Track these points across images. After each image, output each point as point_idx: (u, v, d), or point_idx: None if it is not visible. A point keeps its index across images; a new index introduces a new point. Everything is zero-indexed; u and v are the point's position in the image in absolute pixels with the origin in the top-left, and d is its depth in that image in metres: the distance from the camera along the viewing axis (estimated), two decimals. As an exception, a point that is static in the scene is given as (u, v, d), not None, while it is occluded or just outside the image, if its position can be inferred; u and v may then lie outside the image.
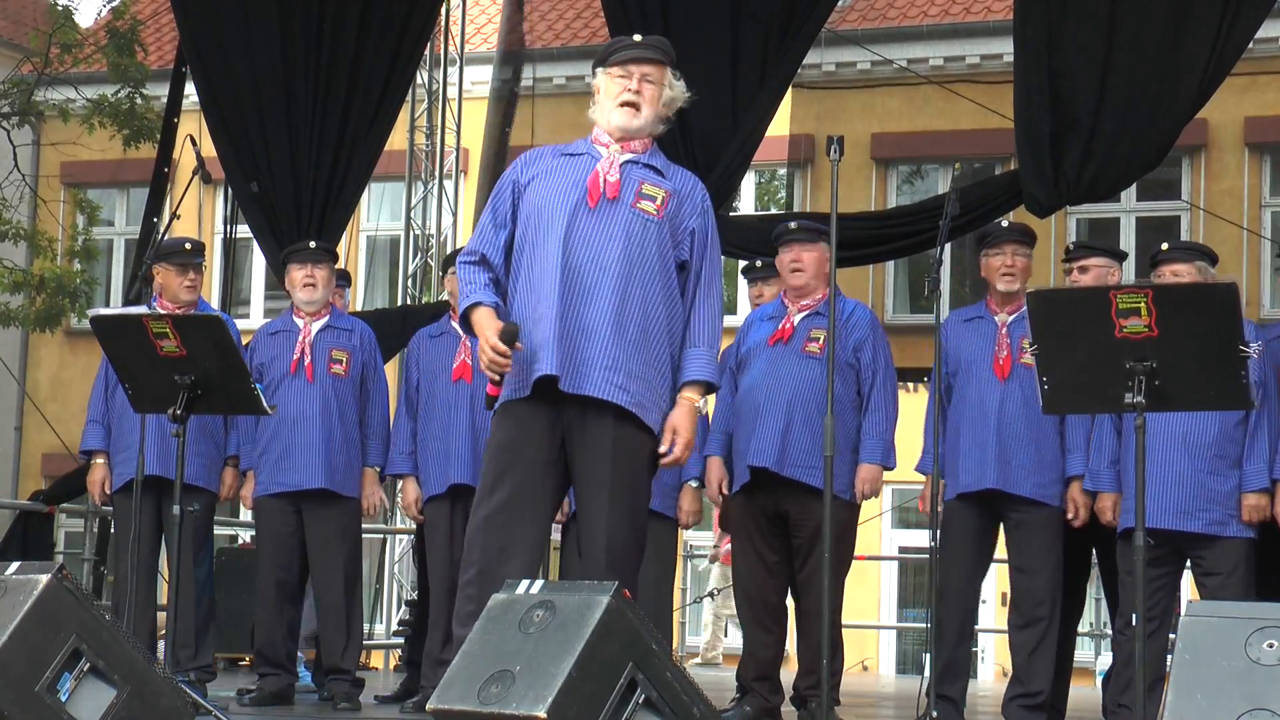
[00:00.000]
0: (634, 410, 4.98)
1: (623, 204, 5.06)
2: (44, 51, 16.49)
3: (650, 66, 5.17)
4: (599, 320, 4.98)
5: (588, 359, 4.96)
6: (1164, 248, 6.48)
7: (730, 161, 8.82)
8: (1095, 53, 8.10)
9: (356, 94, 9.53)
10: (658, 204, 5.08)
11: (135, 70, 16.01)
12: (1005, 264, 6.74)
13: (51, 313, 16.67)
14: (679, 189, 5.15)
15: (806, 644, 6.80)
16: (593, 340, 4.97)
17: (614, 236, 5.02)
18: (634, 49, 5.19)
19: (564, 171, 5.14)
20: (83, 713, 4.78)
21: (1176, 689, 4.32)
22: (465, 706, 4.36)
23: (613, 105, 5.16)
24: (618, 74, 5.17)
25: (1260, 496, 6.20)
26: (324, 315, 7.45)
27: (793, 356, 6.75)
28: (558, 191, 5.09)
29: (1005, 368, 6.65)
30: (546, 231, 5.04)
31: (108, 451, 7.37)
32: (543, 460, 5.03)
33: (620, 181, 5.09)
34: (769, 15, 8.77)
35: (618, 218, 5.04)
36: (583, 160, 5.16)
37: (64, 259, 17.46)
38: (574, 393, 4.97)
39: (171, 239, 7.80)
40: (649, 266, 5.04)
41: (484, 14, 18.72)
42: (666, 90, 5.18)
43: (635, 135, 5.16)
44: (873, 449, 6.75)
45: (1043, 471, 6.60)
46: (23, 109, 16.80)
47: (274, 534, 7.39)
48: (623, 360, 4.97)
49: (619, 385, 4.97)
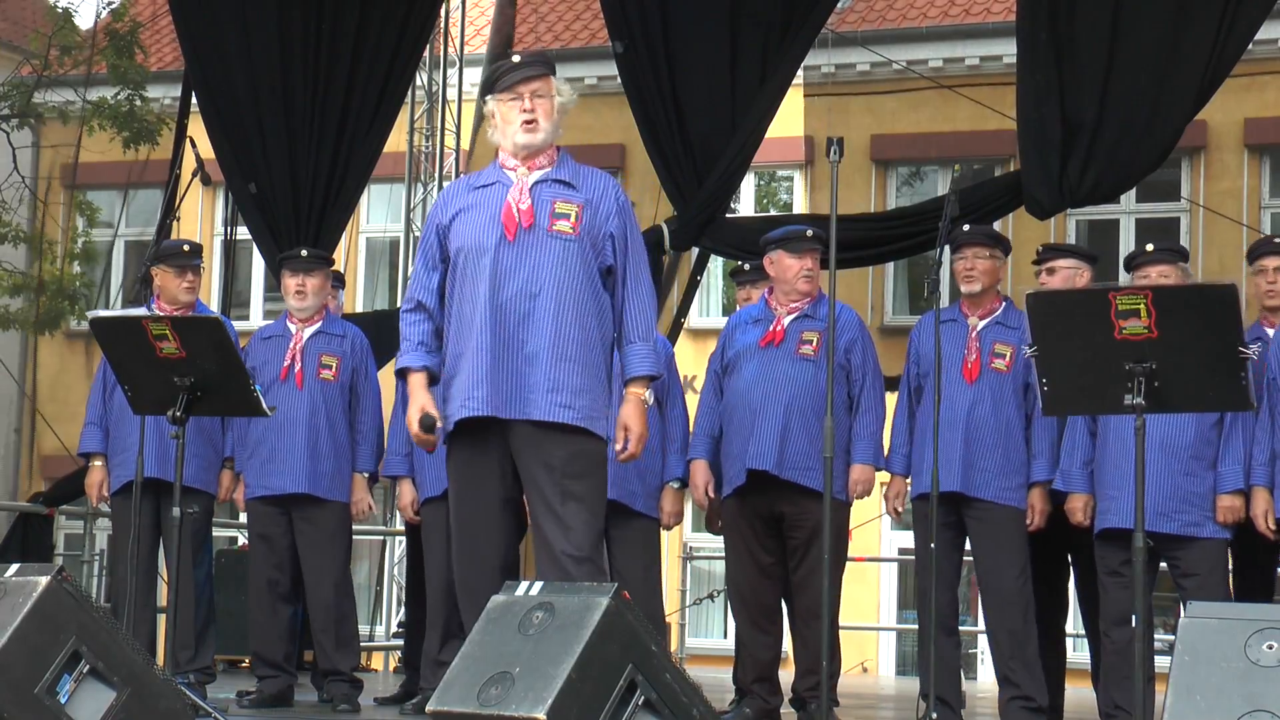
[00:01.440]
0: (582, 424, 5.21)
1: (539, 230, 5.27)
2: (44, 54, 16.49)
3: (536, 82, 5.35)
4: (537, 346, 5.20)
5: (530, 384, 5.20)
6: (1148, 249, 6.51)
7: (730, 163, 8.82)
8: (1097, 55, 8.11)
9: (355, 95, 9.54)
10: (572, 221, 5.29)
11: (135, 72, 16.02)
12: (966, 267, 6.76)
13: (51, 315, 16.67)
14: (590, 197, 5.34)
15: (804, 645, 6.79)
16: (534, 365, 5.20)
17: (539, 264, 5.25)
18: (516, 70, 5.36)
19: (480, 206, 5.35)
20: (82, 714, 4.79)
21: (1176, 690, 4.32)
22: (465, 708, 4.36)
23: (514, 129, 5.34)
24: (508, 98, 5.36)
25: (1235, 498, 6.22)
26: (317, 321, 7.46)
27: (786, 359, 6.74)
28: (478, 229, 5.30)
29: (974, 371, 6.66)
30: (474, 271, 5.27)
31: (105, 454, 7.37)
32: (497, 473, 5.28)
33: (533, 206, 5.28)
34: (768, 17, 8.77)
35: (537, 244, 5.26)
36: (495, 190, 5.36)
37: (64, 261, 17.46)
38: (521, 419, 5.19)
39: (170, 241, 7.81)
40: (576, 283, 5.26)
41: (483, 15, 18.69)
42: (557, 98, 5.37)
43: (540, 150, 5.36)
44: (864, 450, 6.77)
45: (1008, 476, 6.61)
46: (22, 111, 16.81)
47: (264, 536, 7.41)
48: (564, 379, 5.21)
49: (564, 404, 5.20)
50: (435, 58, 14.82)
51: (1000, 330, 6.68)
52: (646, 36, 8.88)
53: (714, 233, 9.03)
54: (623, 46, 8.95)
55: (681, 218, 8.99)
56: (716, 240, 9.12)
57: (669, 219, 9.18)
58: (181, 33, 9.83)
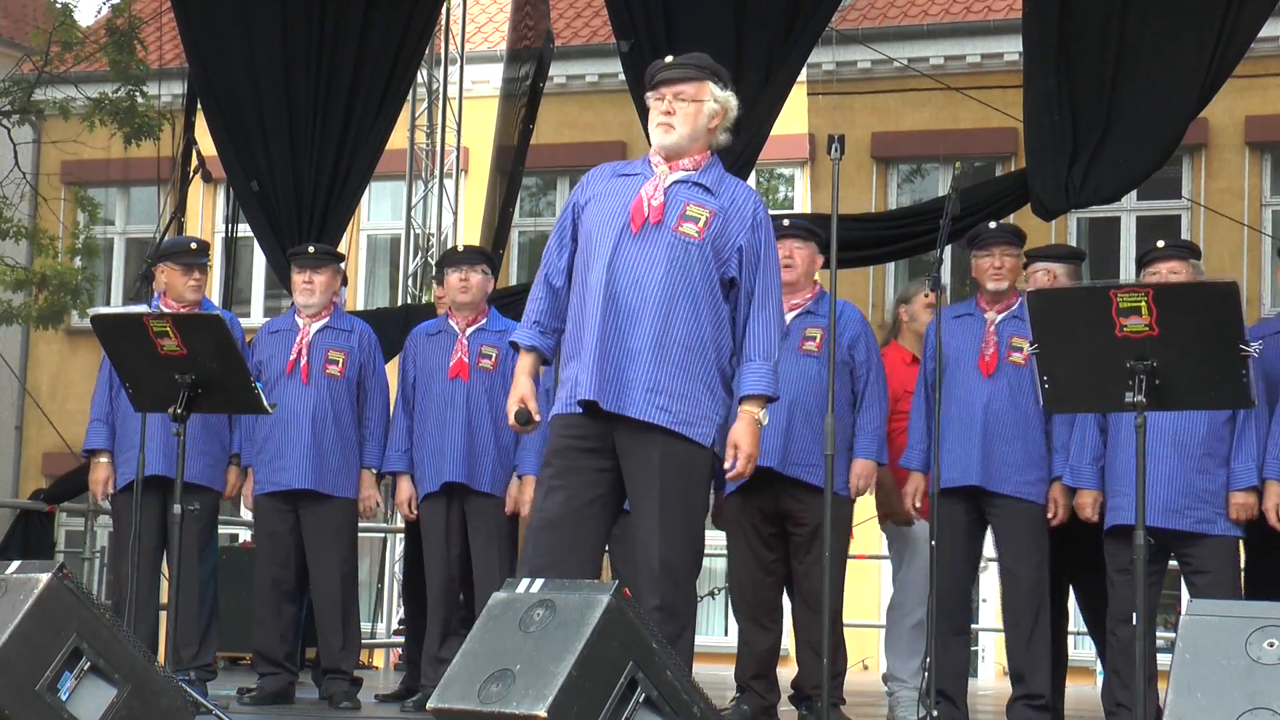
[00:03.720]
0: (678, 429, 5.11)
1: (665, 228, 5.19)
2: (44, 50, 16.49)
3: (682, 85, 5.29)
4: (641, 344, 5.12)
5: (630, 381, 5.11)
6: (1159, 245, 6.51)
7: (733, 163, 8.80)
8: (1102, 56, 8.11)
9: (358, 93, 9.53)
10: (700, 225, 5.20)
11: (136, 68, 16.01)
12: (994, 265, 6.79)
13: (53, 310, 16.67)
14: (726, 206, 5.25)
15: (807, 643, 6.80)
16: (636, 363, 5.12)
17: (656, 261, 5.16)
18: (663, 70, 5.34)
19: (616, 195, 5.29)
20: (83, 712, 4.78)
21: (1177, 688, 4.32)
22: (466, 705, 4.36)
23: (652, 126, 5.32)
24: (653, 97, 5.34)
25: (1248, 495, 6.22)
26: (324, 316, 7.47)
27: (790, 356, 6.73)
28: (607, 216, 5.25)
29: (991, 365, 6.67)
30: (594, 257, 5.21)
31: (111, 450, 7.36)
32: (594, 467, 5.18)
33: (665, 204, 5.22)
34: (773, 16, 8.77)
35: (660, 242, 5.18)
36: (634, 181, 5.31)
37: (65, 257, 17.46)
38: (618, 413, 5.11)
39: (176, 238, 7.80)
40: (692, 288, 5.16)
41: (484, 13, 18.71)
42: (709, 103, 5.28)
43: (679, 152, 5.29)
44: (867, 445, 6.77)
45: (1027, 470, 6.62)
46: (23, 107, 16.80)
47: (270, 533, 7.41)
48: (665, 382, 5.11)
49: (660, 406, 5.10)
50: (436, 55, 14.82)
51: (1017, 324, 6.67)
52: (651, 35, 8.88)
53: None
54: (629, 45, 8.94)
55: (683, 216, 8.98)
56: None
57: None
58: (184, 30, 9.82)
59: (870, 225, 9.76)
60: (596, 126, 16.39)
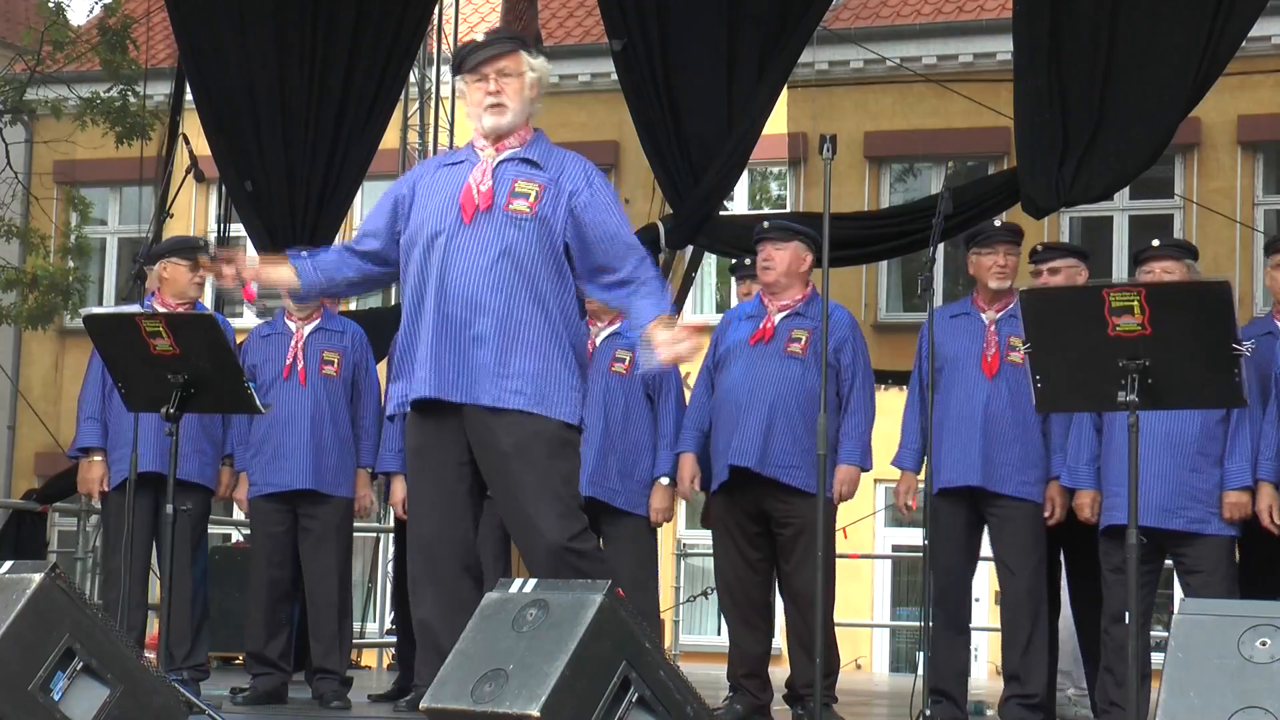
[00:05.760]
0: (534, 410, 5.05)
1: (496, 211, 5.13)
2: (36, 49, 16.47)
3: (503, 60, 5.19)
4: (485, 330, 5.05)
5: (479, 367, 5.05)
6: (1154, 244, 6.50)
7: (725, 162, 8.82)
8: (1093, 54, 8.11)
9: (351, 92, 9.53)
10: (530, 200, 5.13)
11: (128, 68, 16.00)
12: (998, 263, 6.77)
13: (45, 310, 16.66)
14: (556, 176, 5.19)
15: (799, 643, 6.80)
16: (484, 349, 5.06)
17: (489, 244, 5.09)
18: (480, 50, 5.22)
19: (443, 188, 5.22)
20: (76, 712, 4.78)
21: (1169, 687, 4.33)
22: (459, 705, 4.36)
23: (480, 110, 5.22)
24: (474, 79, 5.22)
25: (1241, 494, 6.22)
26: (315, 318, 7.47)
27: (775, 357, 6.74)
28: (437, 211, 5.17)
29: (993, 365, 6.67)
30: (427, 250, 5.14)
31: (105, 449, 7.35)
32: (454, 461, 5.13)
33: (493, 188, 5.16)
34: (765, 15, 8.77)
35: (493, 226, 5.11)
36: (460, 170, 5.24)
37: (57, 256, 17.44)
38: (470, 404, 5.06)
39: (179, 236, 7.79)
40: (531, 265, 5.10)
41: (476, 12, 18.70)
42: (529, 74, 5.21)
43: (509, 131, 5.22)
44: (851, 451, 6.74)
45: (1027, 470, 6.61)
46: (15, 107, 16.79)
47: (268, 534, 7.41)
48: (516, 363, 5.06)
49: (514, 390, 5.05)
50: (428, 54, 14.81)
51: (1015, 324, 6.66)
52: (643, 34, 8.88)
53: (710, 231, 9.04)
54: (621, 44, 8.94)
55: (677, 215, 8.99)
56: (713, 238, 9.13)
57: (664, 216, 9.19)
58: (177, 30, 9.81)
59: (861, 224, 9.77)
60: (589, 126, 16.40)
